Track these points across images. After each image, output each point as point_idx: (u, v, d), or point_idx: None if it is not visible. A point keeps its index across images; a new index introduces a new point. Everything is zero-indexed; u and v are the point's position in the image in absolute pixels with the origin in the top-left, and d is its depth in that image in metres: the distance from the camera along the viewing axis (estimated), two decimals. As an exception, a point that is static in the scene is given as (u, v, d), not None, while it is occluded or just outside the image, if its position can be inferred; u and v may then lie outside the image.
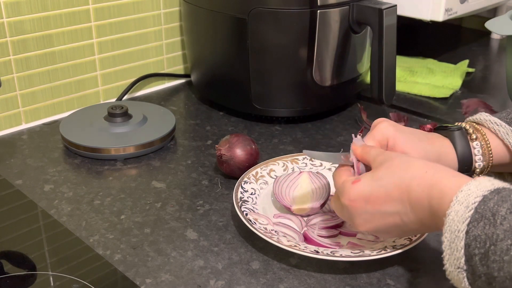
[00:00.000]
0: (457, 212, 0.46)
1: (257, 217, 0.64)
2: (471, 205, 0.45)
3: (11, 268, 0.60)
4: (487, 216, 0.44)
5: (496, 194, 0.45)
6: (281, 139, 0.87)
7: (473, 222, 0.45)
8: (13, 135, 0.87)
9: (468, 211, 0.45)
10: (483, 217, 0.44)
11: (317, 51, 0.86)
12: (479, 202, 0.45)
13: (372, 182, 0.53)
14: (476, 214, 0.45)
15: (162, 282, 0.57)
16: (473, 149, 0.62)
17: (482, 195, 0.46)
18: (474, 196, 0.46)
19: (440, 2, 1.06)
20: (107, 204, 0.70)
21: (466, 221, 0.45)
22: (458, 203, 0.46)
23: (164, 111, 0.91)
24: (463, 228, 0.45)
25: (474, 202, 0.45)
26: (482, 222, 0.44)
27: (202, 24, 0.92)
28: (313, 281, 0.58)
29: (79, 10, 0.91)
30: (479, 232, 0.44)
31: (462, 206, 0.46)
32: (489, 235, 0.44)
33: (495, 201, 0.45)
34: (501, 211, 0.44)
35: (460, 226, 0.45)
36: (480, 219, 0.45)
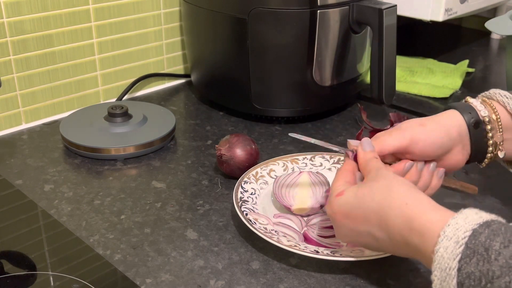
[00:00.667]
0: (446, 248, 0.44)
1: (257, 217, 0.64)
2: (461, 240, 0.43)
3: (11, 268, 0.60)
4: (479, 251, 0.42)
5: (486, 228, 0.43)
6: (281, 139, 0.87)
7: (465, 259, 0.42)
8: (13, 135, 0.87)
9: (459, 246, 0.43)
10: (475, 253, 0.42)
11: (317, 51, 0.86)
12: (469, 237, 0.43)
13: (354, 199, 0.52)
14: (467, 250, 0.43)
15: (162, 282, 0.57)
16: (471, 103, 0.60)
17: (471, 229, 0.43)
18: (464, 231, 0.43)
19: (440, 2, 1.06)
20: (107, 204, 0.70)
21: (457, 257, 0.43)
22: (446, 238, 0.44)
23: (164, 111, 0.91)
24: (454, 265, 0.43)
25: (464, 237, 0.43)
26: (475, 258, 0.42)
27: (202, 24, 0.92)
28: (313, 281, 0.58)
29: (79, 10, 0.91)
30: (472, 269, 0.42)
31: (452, 241, 0.43)
32: (484, 272, 0.41)
33: (486, 235, 0.43)
34: (495, 245, 0.42)
35: (451, 263, 0.43)
36: (473, 255, 0.42)
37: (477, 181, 0.76)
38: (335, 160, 0.75)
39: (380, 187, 0.51)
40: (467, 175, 0.77)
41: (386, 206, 0.49)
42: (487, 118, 0.60)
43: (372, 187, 0.51)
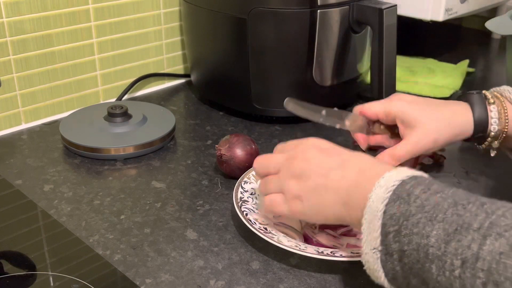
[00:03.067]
0: (377, 195, 0.48)
1: (257, 217, 0.64)
2: (390, 187, 0.48)
3: (11, 268, 0.60)
4: (402, 196, 0.47)
5: (413, 180, 0.48)
6: (281, 139, 0.87)
7: (390, 203, 0.47)
8: (13, 135, 0.87)
9: (387, 192, 0.48)
10: (399, 198, 0.47)
11: (317, 51, 0.86)
12: (397, 186, 0.48)
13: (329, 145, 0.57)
14: (393, 195, 0.47)
15: (162, 282, 0.57)
16: (490, 112, 0.65)
17: (400, 179, 0.48)
18: (393, 180, 0.48)
19: (440, 2, 1.06)
20: (107, 204, 0.70)
21: (385, 201, 0.47)
22: (379, 187, 0.49)
23: (164, 111, 0.91)
24: (381, 208, 0.47)
25: (393, 185, 0.48)
26: (398, 201, 0.47)
27: (202, 24, 0.92)
28: (313, 281, 0.58)
29: (79, 10, 0.91)
30: (395, 210, 0.47)
31: (382, 189, 0.48)
32: (403, 212, 0.46)
33: (411, 184, 0.48)
34: (416, 191, 0.47)
35: (379, 206, 0.48)
36: (397, 199, 0.47)
37: (477, 181, 0.76)
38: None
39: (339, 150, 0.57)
40: (468, 175, 0.77)
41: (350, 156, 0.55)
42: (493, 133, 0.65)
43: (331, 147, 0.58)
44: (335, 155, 0.56)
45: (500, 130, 0.65)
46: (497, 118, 0.64)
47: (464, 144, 0.86)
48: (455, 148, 0.85)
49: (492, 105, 0.65)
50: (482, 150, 0.69)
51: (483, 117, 0.65)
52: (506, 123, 0.65)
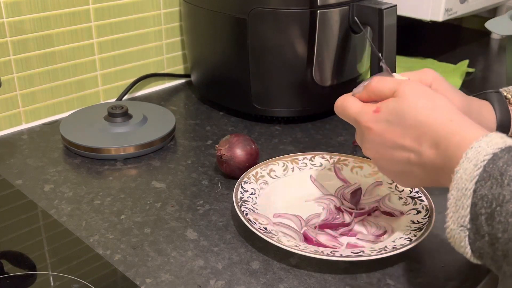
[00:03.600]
0: (465, 170, 0.45)
1: (257, 217, 0.64)
2: (480, 163, 0.44)
3: (11, 268, 0.60)
4: (495, 175, 0.43)
5: (507, 153, 0.44)
6: (281, 139, 0.87)
7: (481, 181, 0.44)
8: (13, 135, 0.87)
9: (477, 169, 0.44)
10: (491, 177, 0.44)
11: (317, 51, 0.86)
12: (488, 160, 0.44)
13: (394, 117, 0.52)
14: (484, 173, 0.44)
15: (162, 282, 0.57)
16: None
17: (492, 153, 0.45)
18: (484, 154, 0.45)
19: (440, 2, 1.06)
20: (107, 204, 0.70)
21: (474, 179, 0.44)
22: (467, 160, 0.45)
23: (164, 111, 0.91)
24: (471, 187, 0.44)
25: (483, 160, 0.44)
26: (490, 181, 0.43)
27: (202, 24, 0.92)
28: (313, 281, 0.58)
29: (79, 10, 0.91)
30: (486, 191, 0.43)
31: (471, 164, 0.45)
32: (496, 196, 0.43)
33: (504, 160, 0.44)
34: (510, 171, 0.43)
35: (468, 184, 0.45)
36: (488, 178, 0.44)
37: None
38: (335, 160, 0.75)
39: (423, 105, 0.51)
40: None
41: (430, 123, 0.50)
42: None
43: (415, 105, 0.51)
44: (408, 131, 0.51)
45: None
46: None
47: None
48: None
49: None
50: None
51: (505, 117, 0.63)
52: None
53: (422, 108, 0.51)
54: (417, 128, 0.51)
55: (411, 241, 0.59)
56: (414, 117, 0.51)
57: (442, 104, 0.51)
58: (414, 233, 0.60)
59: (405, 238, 0.60)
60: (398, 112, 0.52)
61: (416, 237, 0.59)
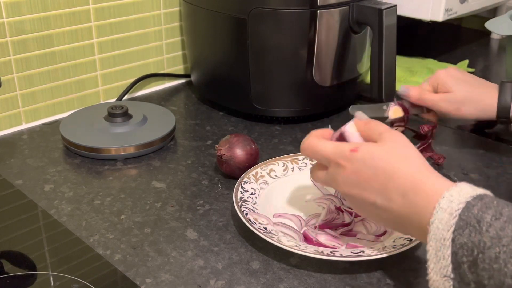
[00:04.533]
0: (441, 220, 0.46)
1: (257, 217, 0.64)
2: (455, 212, 0.45)
3: (11, 268, 0.60)
4: (472, 223, 0.44)
5: (479, 200, 0.45)
6: (281, 139, 0.87)
7: (458, 230, 0.45)
8: (13, 135, 0.87)
9: (452, 218, 0.45)
10: (468, 224, 0.44)
11: (317, 51, 0.86)
12: (462, 209, 0.45)
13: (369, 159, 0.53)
14: (460, 221, 0.45)
15: (162, 282, 0.57)
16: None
17: (465, 201, 0.45)
18: (457, 203, 0.45)
19: (440, 2, 1.06)
20: (107, 204, 0.70)
21: (451, 228, 0.45)
22: (441, 210, 0.46)
23: (164, 111, 0.91)
24: (448, 236, 0.45)
25: (457, 209, 0.45)
26: (468, 229, 0.44)
27: (202, 24, 0.92)
28: (313, 281, 0.58)
29: (79, 10, 0.91)
30: (465, 239, 0.44)
31: (446, 213, 0.45)
32: (476, 243, 0.43)
33: (478, 208, 0.45)
34: (486, 217, 0.44)
35: (446, 234, 0.45)
36: (465, 226, 0.44)
37: (477, 181, 0.76)
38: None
39: (397, 153, 0.53)
40: (466, 175, 0.77)
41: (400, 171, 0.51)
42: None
43: (390, 151, 0.53)
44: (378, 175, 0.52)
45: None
46: None
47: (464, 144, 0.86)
48: (455, 148, 0.85)
49: None
50: None
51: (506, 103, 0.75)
52: None
53: (397, 156, 0.52)
54: (387, 173, 0.52)
55: (411, 241, 0.59)
56: (387, 162, 0.52)
57: (414, 154, 0.53)
58: (414, 233, 0.60)
59: (405, 238, 0.60)
60: (373, 154, 0.53)
61: (416, 237, 0.59)
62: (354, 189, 0.54)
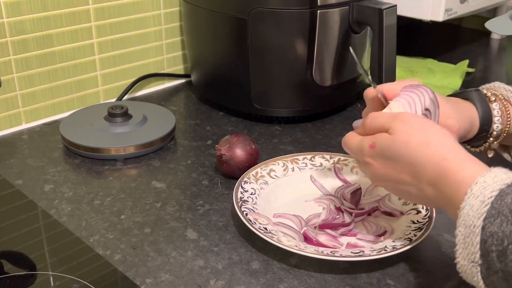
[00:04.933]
0: (472, 207, 0.45)
1: (257, 217, 0.64)
2: (487, 199, 0.44)
3: (11, 268, 0.60)
4: (504, 212, 0.43)
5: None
6: (281, 139, 0.87)
7: (489, 218, 0.44)
8: (13, 135, 0.87)
9: (484, 206, 0.44)
10: (500, 214, 0.43)
11: (317, 51, 0.86)
12: (495, 197, 0.44)
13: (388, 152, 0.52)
14: (492, 209, 0.44)
15: (162, 282, 0.57)
16: (493, 110, 0.63)
17: (499, 189, 0.44)
18: (490, 190, 0.44)
19: (440, 2, 1.06)
20: (107, 204, 0.70)
21: (482, 216, 0.44)
22: (473, 196, 0.45)
23: (164, 111, 0.91)
24: (479, 224, 0.44)
25: (490, 197, 0.44)
26: (499, 219, 0.43)
27: (202, 24, 0.92)
28: (313, 281, 0.58)
29: (79, 10, 0.91)
30: (495, 229, 0.43)
31: (478, 200, 0.45)
32: (507, 234, 0.43)
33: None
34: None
35: (476, 221, 0.44)
36: (497, 216, 0.43)
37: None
38: (335, 160, 0.75)
39: (417, 142, 0.51)
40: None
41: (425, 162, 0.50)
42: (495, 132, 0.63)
43: (409, 142, 0.51)
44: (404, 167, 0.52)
45: (502, 129, 0.63)
46: (499, 116, 0.63)
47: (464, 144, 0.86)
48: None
49: (494, 103, 0.63)
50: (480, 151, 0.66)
51: (487, 114, 0.63)
52: (508, 122, 0.63)
53: (416, 145, 0.51)
54: (413, 165, 0.51)
55: (411, 241, 0.59)
56: (409, 155, 0.51)
57: (436, 138, 0.51)
58: (414, 233, 0.60)
59: (405, 238, 0.60)
60: (392, 149, 0.52)
61: (416, 237, 0.59)
62: (388, 182, 0.54)
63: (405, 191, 0.54)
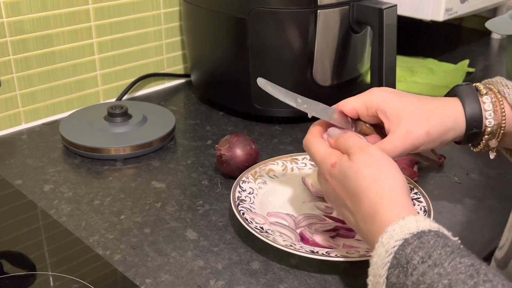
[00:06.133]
0: (379, 256, 0.45)
1: (254, 216, 0.64)
2: (390, 249, 0.44)
3: (11, 268, 0.60)
4: (402, 263, 0.43)
5: (417, 239, 0.43)
6: (281, 139, 0.87)
7: (391, 268, 0.43)
8: (13, 135, 0.87)
9: (388, 255, 0.44)
10: (399, 264, 0.43)
11: (317, 51, 0.86)
12: (399, 246, 0.43)
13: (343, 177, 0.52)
14: (394, 259, 0.43)
15: (162, 282, 0.57)
16: (483, 104, 0.56)
17: (403, 238, 0.44)
18: (395, 239, 0.44)
19: (440, 2, 1.06)
20: (107, 204, 0.70)
21: (386, 266, 0.44)
22: (381, 245, 0.45)
23: (164, 111, 0.91)
24: (383, 273, 0.44)
25: (393, 246, 0.44)
26: (397, 269, 0.43)
27: (202, 24, 0.92)
28: (313, 281, 0.58)
29: (79, 10, 0.91)
30: (394, 280, 0.43)
31: (384, 249, 0.44)
32: (400, 286, 0.42)
33: (412, 247, 0.43)
34: (415, 259, 0.42)
35: (381, 271, 0.44)
36: (397, 266, 0.43)
37: (478, 181, 0.76)
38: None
39: (366, 175, 0.50)
40: (468, 175, 0.77)
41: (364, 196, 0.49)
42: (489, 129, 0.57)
43: (359, 173, 0.51)
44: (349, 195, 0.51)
45: (497, 125, 0.57)
46: (491, 111, 0.56)
47: (464, 144, 0.86)
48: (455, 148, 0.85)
49: (484, 96, 0.57)
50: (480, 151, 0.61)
51: (475, 109, 0.56)
52: (503, 117, 0.56)
53: (364, 178, 0.50)
54: (354, 196, 0.51)
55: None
56: (355, 185, 0.51)
57: (384, 177, 0.50)
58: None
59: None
60: (346, 174, 0.52)
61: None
62: (336, 203, 0.55)
63: (346, 217, 0.53)
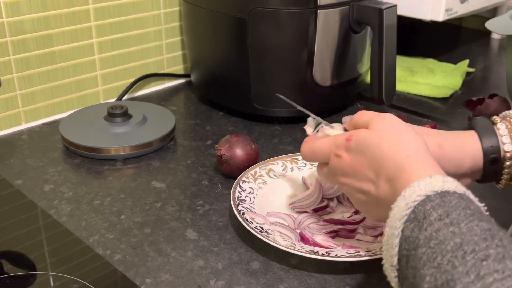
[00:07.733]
0: (398, 208, 0.44)
1: (254, 216, 0.64)
2: (411, 203, 0.44)
3: (11, 268, 0.60)
4: (419, 218, 0.42)
5: (440, 197, 0.43)
6: (281, 139, 0.87)
7: (407, 222, 0.43)
8: (13, 135, 0.87)
9: (407, 208, 0.44)
10: (415, 219, 0.43)
11: (317, 51, 0.86)
12: (420, 201, 0.43)
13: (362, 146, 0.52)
14: (412, 213, 0.43)
15: (162, 282, 0.57)
16: (498, 130, 0.56)
17: (425, 194, 0.44)
18: (417, 194, 0.44)
19: (440, 2, 1.06)
20: (107, 204, 0.70)
21: (403, 219, 0.44)
22: (403, 198, 0.45)
23: (164, 111, 0.91)
24: (399, 226, 0.44)
25: (414, 201, 0.44)
26: (413, 223, 0.43)
27: (202, 24, 0.92)
28: (313, 281, 0.58)
29: (79, 10, 0.91)
30: (409, 233, 0.43)
31: (404, 202, 0.44)
32: (413, 239, 0.42)
33: (433, 204, 0.43)
34: (433, 215, 0.42)
35: (397, 223, 0.44)
36: (413, 220, 0.43)
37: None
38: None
39: (389, 139, 0.50)
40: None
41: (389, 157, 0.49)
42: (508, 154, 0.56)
43: (381, 137, 0.51)
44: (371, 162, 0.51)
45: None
46: (507, 135, 0.55)
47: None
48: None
49: (498, 124, 0.57)
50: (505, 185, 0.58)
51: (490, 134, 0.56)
52: None
53: (387, 141, 0.50)
54: (378, 161, 0.50)
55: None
56: (378, 150, 0.50)
57: (408, 139, 0.50)
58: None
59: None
60: (366, 142, 0.52)
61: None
62: (351, 179, 0.53)
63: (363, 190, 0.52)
